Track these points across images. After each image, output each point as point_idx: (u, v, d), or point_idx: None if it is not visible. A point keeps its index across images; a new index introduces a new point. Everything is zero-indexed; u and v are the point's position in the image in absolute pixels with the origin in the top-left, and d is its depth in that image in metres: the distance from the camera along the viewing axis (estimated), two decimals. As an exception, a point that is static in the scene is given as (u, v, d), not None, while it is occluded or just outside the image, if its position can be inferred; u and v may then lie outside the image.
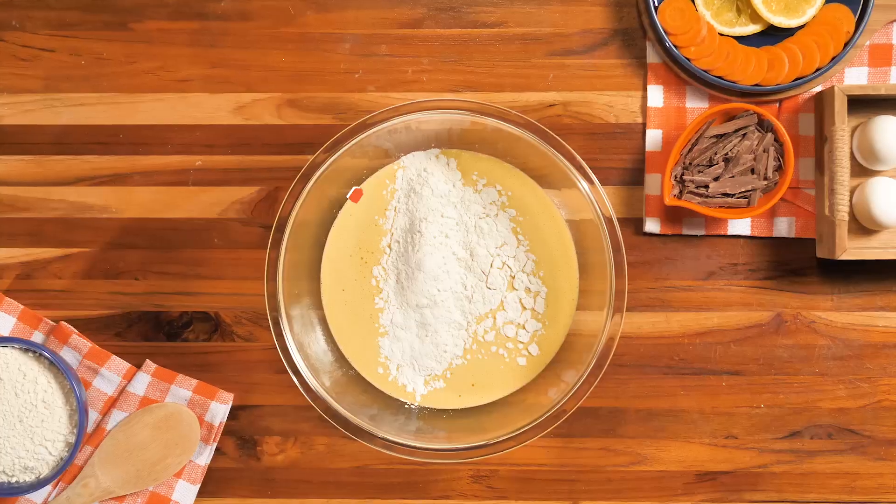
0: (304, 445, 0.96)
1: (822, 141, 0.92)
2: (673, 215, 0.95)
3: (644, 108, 0.95)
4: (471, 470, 0.96)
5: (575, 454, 0.96)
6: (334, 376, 0.92)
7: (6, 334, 0.95)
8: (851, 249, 0.89)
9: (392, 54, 0.96)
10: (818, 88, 0.94)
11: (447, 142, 0.93)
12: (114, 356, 0.95)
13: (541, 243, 0.93)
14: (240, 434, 0.97)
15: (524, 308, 0.93)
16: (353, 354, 0.94)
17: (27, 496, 0.93)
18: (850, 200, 0.92)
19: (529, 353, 0.94)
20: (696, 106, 0.95)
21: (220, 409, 0.94)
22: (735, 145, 0.91)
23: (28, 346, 0.91)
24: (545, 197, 0.94)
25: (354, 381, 0.94)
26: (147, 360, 0.96)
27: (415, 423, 0.92)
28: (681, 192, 0.92)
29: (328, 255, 0.94)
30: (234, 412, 0.96)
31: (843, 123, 0.88)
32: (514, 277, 0.92)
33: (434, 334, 0.92)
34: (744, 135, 0.91)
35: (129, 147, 0.96)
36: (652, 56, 0.95)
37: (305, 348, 0.90)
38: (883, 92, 0.89)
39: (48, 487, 0.94)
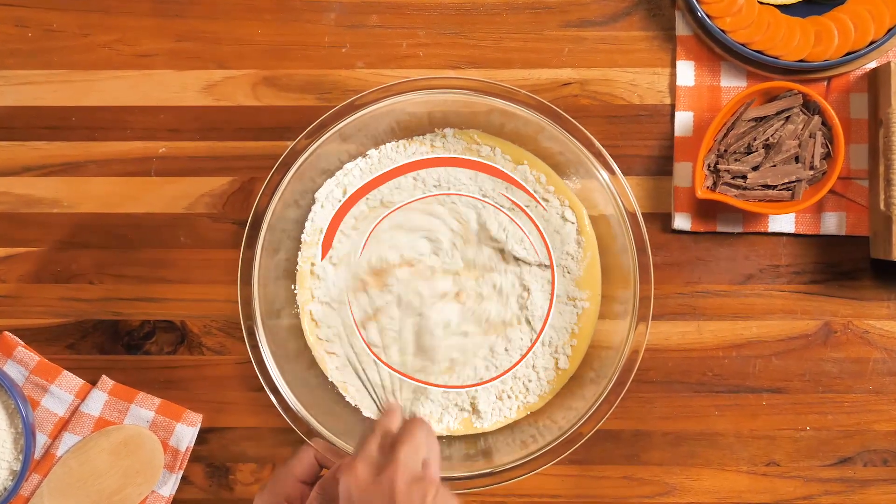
0: (283, 474, 0.98)
1: (876, 125, 0.90)
2: (706, 210, 0.94)
3: (673, 88, 0.94)
4: (475, 501, 0.95)
5: (593, 483, 0.95)
6: (317, 394, 0.91)
7: (-59, 346, 0.95)
8: (911, 249, 0.89)
9: (384, 25, 0.95)
10: (872, 65, 0.93)
11: (443, 125, 0.93)
12: (65, 371, 0.94)
13: (561, 244, 0.92)
14: (209, 460, 0.95)
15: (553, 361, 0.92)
16: (337, 370, 0.93)
17: (-35, 532, 0.93)
18: (910, 193, 0.91)
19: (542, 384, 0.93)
20: (732, 85, 0.94)
21: (186, 432, 0.93)
22: (777, 130, 0.89)
23: (-36, 361, 0.90)
24: (567, 189, 0.91)
25: (340, 400, 0.92)
26: (103, 375, 0.94)
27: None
28: (715, 183, 0.91)
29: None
30: (203, 435, 0.95)
31: (901, 105, 0.88)
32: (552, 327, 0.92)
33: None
34: (787, 118, 0.89)
35: (84, 132, 0.96)
36: (682, 28, 0.94)
37: (284, 362, 0.89)
38: (948, 69, 0.89)
39: (-11, 522, 0.93)
